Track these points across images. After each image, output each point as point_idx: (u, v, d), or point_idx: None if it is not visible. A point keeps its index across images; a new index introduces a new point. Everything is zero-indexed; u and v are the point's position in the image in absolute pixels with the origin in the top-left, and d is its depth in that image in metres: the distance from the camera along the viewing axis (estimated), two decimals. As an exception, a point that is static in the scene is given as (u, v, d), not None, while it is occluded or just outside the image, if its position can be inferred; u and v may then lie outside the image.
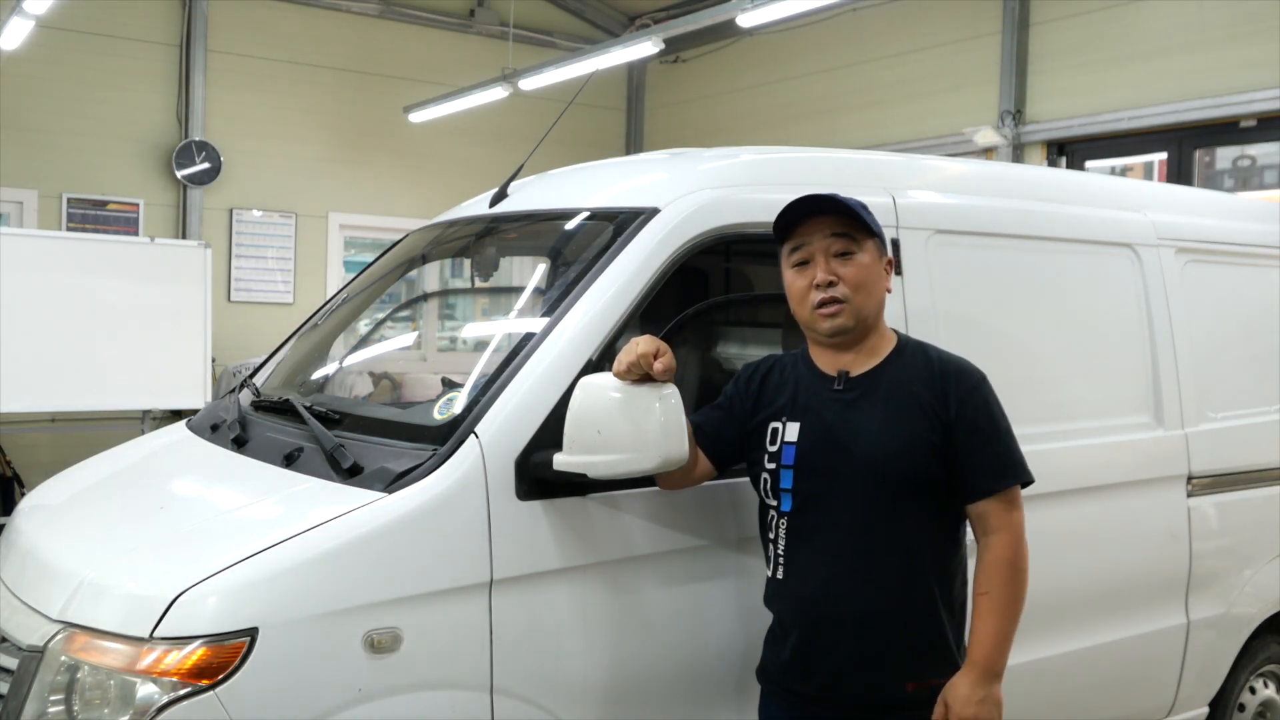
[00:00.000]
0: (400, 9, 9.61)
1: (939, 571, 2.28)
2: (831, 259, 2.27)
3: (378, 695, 2.16)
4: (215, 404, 3.44)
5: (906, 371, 2.29)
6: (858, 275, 2.26)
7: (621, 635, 2.45)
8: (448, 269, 7.19)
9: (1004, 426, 2.30)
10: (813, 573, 2.27)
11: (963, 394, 2.25)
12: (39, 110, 8.18)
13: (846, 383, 2.30)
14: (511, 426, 2.36)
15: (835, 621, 2.25)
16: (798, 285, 2.31)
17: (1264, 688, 3.84)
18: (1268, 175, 7.13)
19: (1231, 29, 6.56)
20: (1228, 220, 3.84)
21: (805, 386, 2.34)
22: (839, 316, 2.26)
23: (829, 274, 2.26)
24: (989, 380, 2.32)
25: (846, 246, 2.27)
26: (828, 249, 2.27)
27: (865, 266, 2.27)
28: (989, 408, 2.28)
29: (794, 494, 2.29)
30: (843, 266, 2.26)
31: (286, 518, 2.26)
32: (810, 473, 2.27)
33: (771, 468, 2.33)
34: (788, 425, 2.32)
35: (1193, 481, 3.46)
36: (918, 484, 2.23)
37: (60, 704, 2.11)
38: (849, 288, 2.25)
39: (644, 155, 3.46)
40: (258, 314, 8.99)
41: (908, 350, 2.34)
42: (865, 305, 2.28)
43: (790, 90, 9.33)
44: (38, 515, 2.84)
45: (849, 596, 2.24)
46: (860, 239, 2.28)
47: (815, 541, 2.27)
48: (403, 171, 9.67)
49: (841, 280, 2.25)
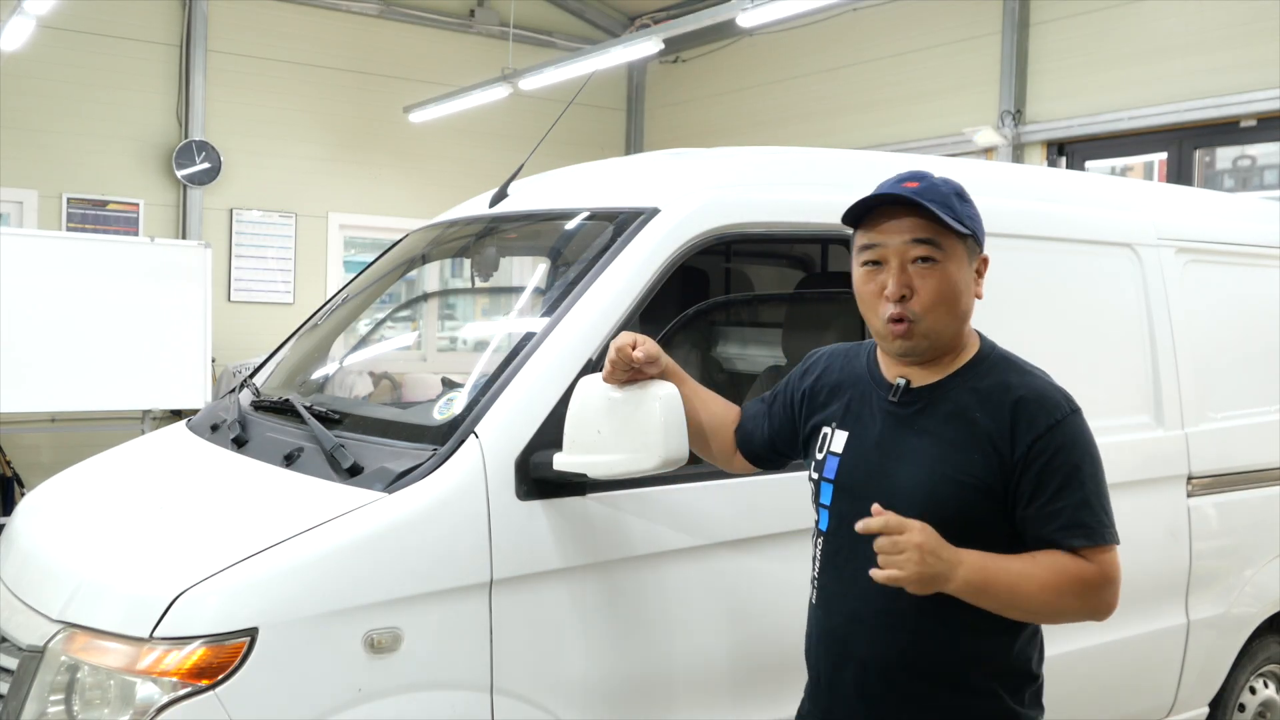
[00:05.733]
0: (400, 9, 9.60)
1: (987, 629, 1.89)
2: (909, 265, 1.90)
3: (378, 695, 2.16)
4: (215, 404, 3.44)
5: (976, 392, 1.92)
6: (938, 290, 1.89)
7: (621, 635, 2.45)
8: (448, 269, 7.19)
9: (1087, 474, 1.88)
10: (838, 606, 1.99)
11: (1039, 431, 1.86)
12: (39, 110, 8.18)
13: (904, 395, 1.97)
14: (512, 426, 2.35)
15: (854, 664, 1.96)
16: (867, 289, 1.95)
17: (1264, 688, 3.84)
18: (1268, 175, 7.13)
19: (1231, 29, 6.56)
20: (1228, 220, 3.84)
21: (863, 391, 2.04)
22: (910, 338, 1.91)
23: (902, 286, 1.90)
24: (1081, 414, 1.92)
25: (928, 253, 1.89)
26: (905, 254, 1.90)
27: (948, 278, 1.90)
28: (1070, 451, 1.87)
29: (831, 512, 2.01)
30: (921, 277, 1.89)
31: (286, 518, 2.25)
32: (848, 492, 1.97)
33: (815, 478, 2.06)
34: (836, 433, 2.03)
35: (1193, 481, 3.45)
36: (966, 528, 1.85)
37: (60, 704, 2.10)
38: (924, 305, 1.89)
39: (644, 155, 3.46)
40: (258, 314, 8.99)
41: (986, 364, 1.97)
42: (943, 324, 1.92)
43: (790, 90, 9.33)
44: (38, 515, 2.84)
45: (870, 641, 1.93)
46: (947, 244, 1.90)
47: (846, 571, 1.96)
48: (403, 171, 9.67)
49: (917, 294, 1.89)
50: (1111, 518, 1.90)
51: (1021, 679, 1.97)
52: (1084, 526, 1.86)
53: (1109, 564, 1.88)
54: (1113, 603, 1.91)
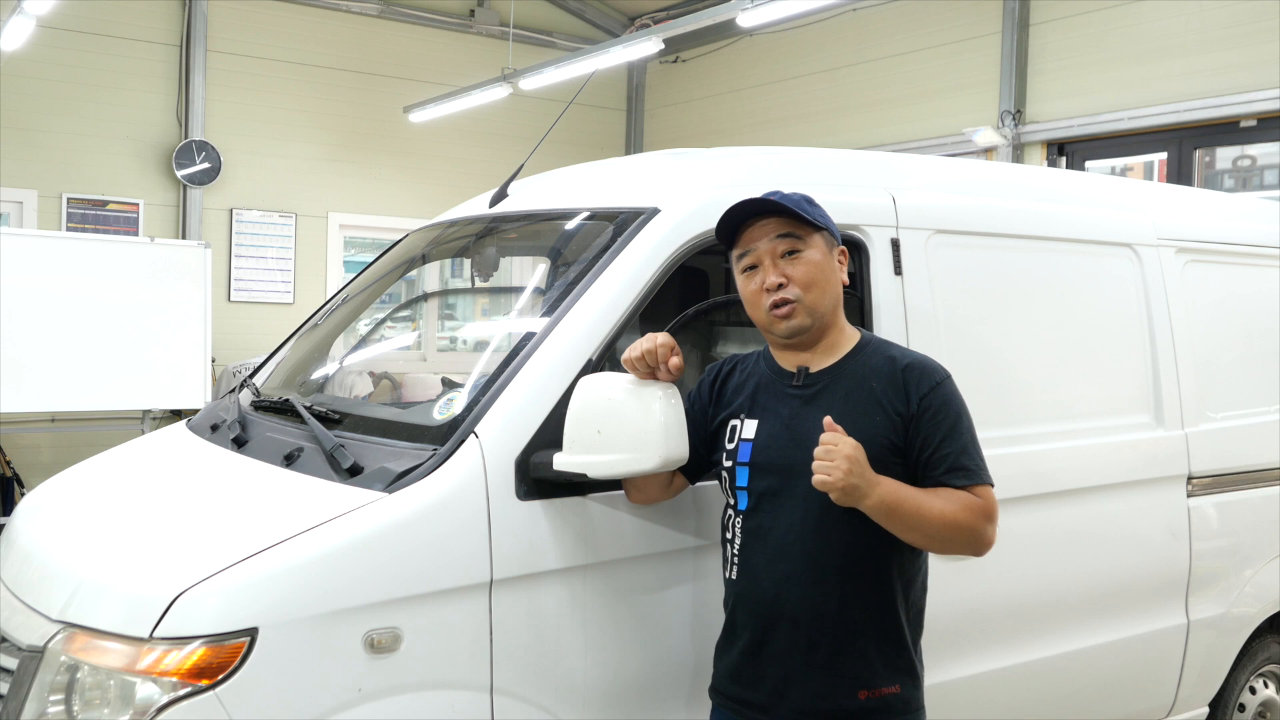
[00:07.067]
0: (400, 9, 9.61)
1: (896, 574, 2.21)
2: (779, 260, 2.24)
3: (378, 695, 2.16)
4: (215, 404, 3.44)
5: (867, 368, 2.24)
6: (807, 274, 2.23)
7: (621, 635, 2.45)
8: (448, 269, 7.19)
9: (966, 426, 2.22)
10: (764, 572, 2.22)
11: (924, 390, 2.19)
12: (39, 110, 8.19)
13: (805, 379, 2.26)
14: (511, 426, 2.35)
15: (785, 623, 2.19)
16: (749, 290, 2.28)
17: (1264, 688, 3.84)
18: (1268, 175, 7.13)
19: (1231, 29, 6.57)
20: (1228, 220, 3.84)
21: (765, 384, 2.31)
22: (794, 316, 2.23)
23: (778, 276, 2.23)
24: (954, 379, 2.25)
25: (792, 246, 2.24)
26: (774, 251, 2.24)
27: (814, 263, 2.24)
28: (948, 406, 2.20)
29: (749, 492, 2.25)
30: (791, 266, 2.23)
31: (286, 518, 2.25)
32: (765, 470, 2.23)
33: (729, 465, 2.29)
34: (745, 422, 2.29)
35: (1193, 481, 3.45)
36: None
37: (60, 704, 2.10)
38: (800, 287, 2.22)
39: (644, 155, 3.46)
40: (258, 314, 8.99)
41: (869, 347, 2.29)
42: (819, 302, 2.24)
43: (790, 90, 9.33)
44: (38, 515, 2.84)
45: (800, 598, 2.17)
46: (806, 235, 2.25)
47: (769, 541, 2.22)
48: (403, 171, 9.68)
49: (791, 281, 2.22)
50: (985, 462, 2.23)
51: (919, 622, 2.30)
52: (964, 469, 2.18)
53: (990, 498, 2.19)
54: (990, 537, 2.19)
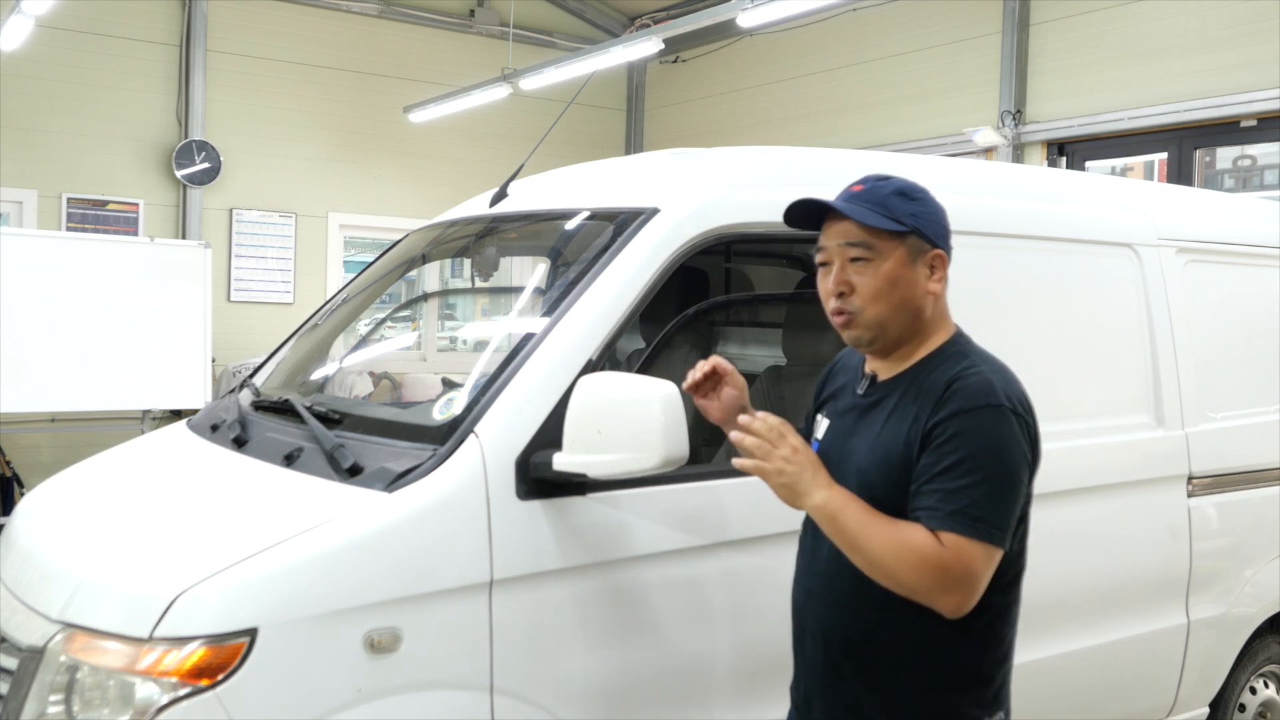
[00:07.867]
0: (400, 9, 9.61)
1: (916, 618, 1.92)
2: (847, 264, 2.03)
3: (378, 695, 2.16)
4: (215, 404, 3.44)
5: (925, 383, 2.00)
6: (874, 286, 2.01)
7: (621, 635, 2.45)
8: (448, 269, 7.20)
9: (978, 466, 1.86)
10: (801, 581, 2.17)
11: (947, 412, 1.91)
12: (39, 110, 8.18)
13: (869, 388, 2.12)
14: (512, 426, 2.35)
15: (809, 638, 2.12)
16: (821, 286, 2.11)
17: (1264, 688, 3.84)
18: (1268, 175, 7.14)
19: (1231, 29, 6.57)
20: (1228, 220, 3.84)
21: (848, 385, 2.20)
22: (852, 328, 2.05)
23: (839, 284, 2.04)
24: (1008, 414, 1.91)
25: (860, 254, 2.02)
26: (843, 255, 2.04)
27: (884, 275, 2.01)
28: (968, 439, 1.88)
29: None
30: (858, 274, 2.02)
31: (287, 517, 2.25)
32: None
33: None
34: (821, 422, 2.21)
35: (1193, 481, 3.45)
36: (898, 509, 1.93)
37: (60, 704, 2.10)
38: (862, 299, 2.02)
39: (644, 155, 3.46)
40: (258, 314, 8.99)
41: (940, 356, 2.04)
42: (883, 315, 2.02)
43: (790, 90, 9.33)
44: (38, 515, 2.84)
45: (819, 616, 2.08)
46: (880, 245, 2.01)
47: (811, 548, 2.14)
48: (403, 171, 9.67)
49: (855, 291, 2.02)
50: (995, 519, 1.86)
51: (968, 678, 1.98)
52: (945, 511, 1.85)
53: (965, 555, 1.83)
54: (960, 599, 1.86)
